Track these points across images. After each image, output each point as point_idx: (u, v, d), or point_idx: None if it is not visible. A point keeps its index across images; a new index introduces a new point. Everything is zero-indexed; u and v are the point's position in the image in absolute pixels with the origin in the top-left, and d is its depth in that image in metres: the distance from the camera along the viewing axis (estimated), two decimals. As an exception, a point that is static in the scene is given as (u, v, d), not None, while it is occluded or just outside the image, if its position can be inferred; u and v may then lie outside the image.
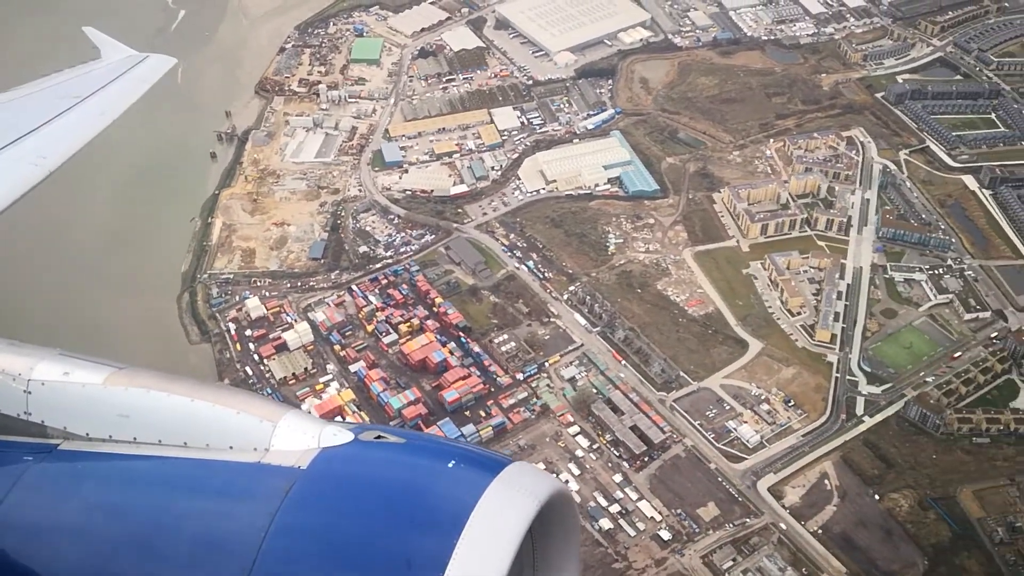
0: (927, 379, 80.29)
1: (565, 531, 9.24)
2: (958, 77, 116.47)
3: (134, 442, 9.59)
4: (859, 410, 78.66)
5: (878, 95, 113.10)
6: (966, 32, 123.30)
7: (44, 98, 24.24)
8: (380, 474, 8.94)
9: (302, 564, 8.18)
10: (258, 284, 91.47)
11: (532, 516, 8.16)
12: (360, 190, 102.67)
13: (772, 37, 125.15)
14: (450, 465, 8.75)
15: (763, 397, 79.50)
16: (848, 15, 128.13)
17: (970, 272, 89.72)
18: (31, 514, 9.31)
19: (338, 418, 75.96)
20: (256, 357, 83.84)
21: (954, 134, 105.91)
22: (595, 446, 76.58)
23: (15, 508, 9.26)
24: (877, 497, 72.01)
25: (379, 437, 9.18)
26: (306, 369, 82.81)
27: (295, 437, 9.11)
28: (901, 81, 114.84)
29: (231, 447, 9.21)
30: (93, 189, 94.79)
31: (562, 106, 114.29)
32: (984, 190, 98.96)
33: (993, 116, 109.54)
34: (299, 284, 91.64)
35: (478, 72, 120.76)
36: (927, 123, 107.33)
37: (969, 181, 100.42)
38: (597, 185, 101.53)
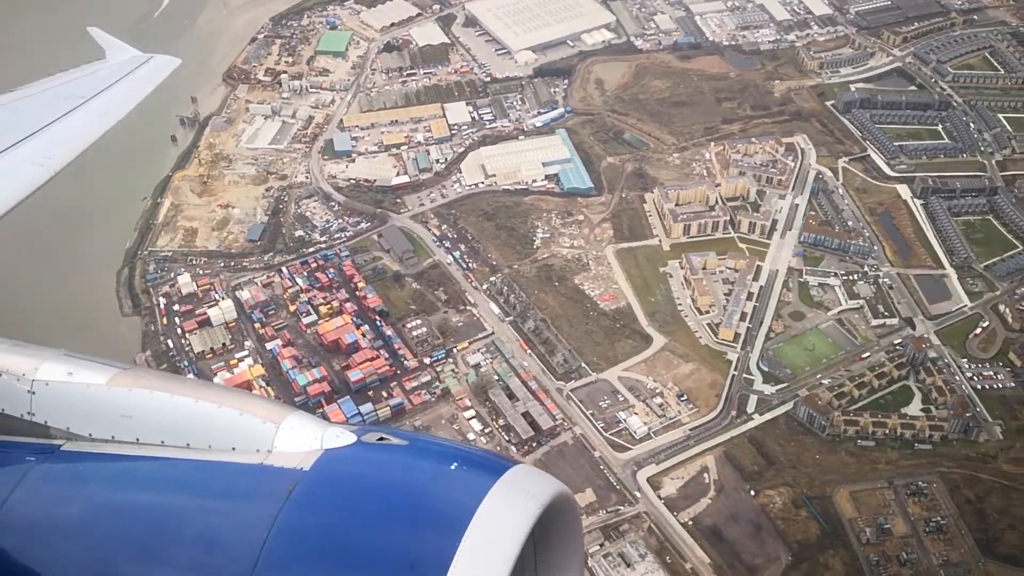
0: (823, 381, 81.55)
1: (567, 534, 9.25)
2: (912, 88, 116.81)
3: (137, 443, 9.59)
4: (750, 408, 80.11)
5: (828, 103, 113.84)
6: (928, 43, 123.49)
7: (49, 98, 24.19)
8: (383, 476, 8.97)
9: (304, 565, 8.20)
10: (194, 262, 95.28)
11: (534, 519, 8.16)
12: (307, 177, 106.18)
13: (733, 43, 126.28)
14: (452, 467, 8.78)
15: (658, 391, 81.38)
16: (812, 23, 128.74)
17: (886, 279, 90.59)
18: (34, 515, 9.29)
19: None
20: (179, 331, 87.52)
21: (896, 144, 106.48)
22: (487, 430, 79.10)
23: (18, 508, 9.24)
24: (753, 493, 73.57)
25: (382, 439, 9.21)
26: (224, 345, 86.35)
27: (298, 438, 9.14)
28: (853, 90, 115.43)
29: (234, 448, 9.21)
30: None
31: (515, 103, 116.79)
32: (916, 200, 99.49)
33: (940, 128, 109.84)
34: (232, 264, 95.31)
35: (440, 68, 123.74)
36: (871, 132, 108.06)
37: (903, 190, 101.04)
38: (535, 181, 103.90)
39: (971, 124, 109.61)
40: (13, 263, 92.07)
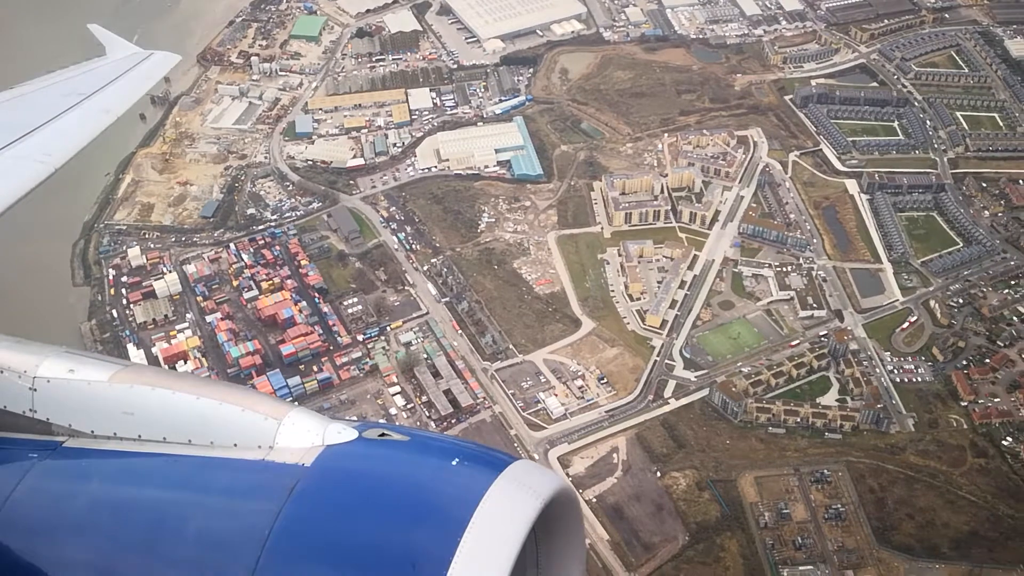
0: (743, 369, 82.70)
1: (568, 529, 9.28)
2: (873, 84, 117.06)
3: (139, 440, 9.61)
4: (668, 393, 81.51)
5: (787, 98, 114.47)
6: (895, 41, 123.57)
7: (49, 95, 24.07)
8: (384, 472, 8.99)
9: (307, 561, 8.20)
10: (146, 236, 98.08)
11: (536, 514, 8.20)
12: (266, 157, 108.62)
13: (701, 36, 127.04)
14: (454, 463, 8.80)
15: (580, 373, 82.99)
16: (781, 18, 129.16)
17: (820, 272, 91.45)
18: (36, 511, 9.30)
19: (181, 361, 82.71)
20: (125, 302, 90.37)
21: (850, 139, 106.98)
22: (409, 405, 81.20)
23: (20, 505, 9.24)
24: (659, 474, 75.07)
25: (383, 435, 9.25)
26: (166, 316, 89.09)
27: (299, 435, 9.15)
28: (813, 85, 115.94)
29: (236, 444, 9.25)
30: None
31: (478, 91, 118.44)
32: (863, 195, 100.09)
33: (896, 124, 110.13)
34: (184, 239, 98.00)
35: (408, 54, 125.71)
36: (825, 127, 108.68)
37: (851, 185, 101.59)
38: (486, 166, 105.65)
39: (928, 121, 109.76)
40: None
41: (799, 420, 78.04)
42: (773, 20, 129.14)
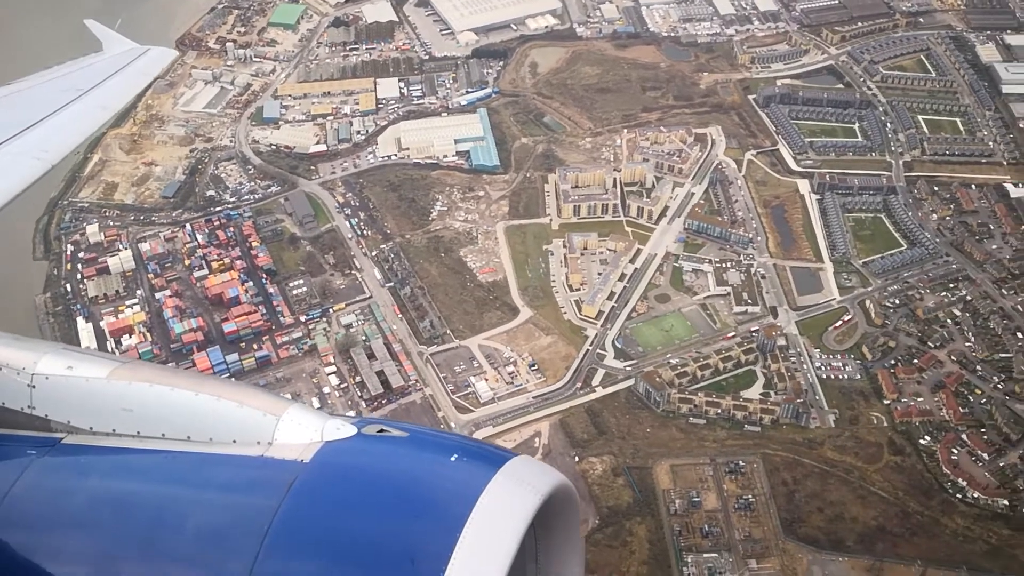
0: (671, 361, 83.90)
1: (567, 524, 9.28)
2: (839, 86, 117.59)
3: (137, 436, 9.62)
4: (595, 381, 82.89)
5: (751, 97, 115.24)
6: (866, 43, 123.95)
7: (46, 91, 24.23)
8: (383, 468, 8.99)
9: (305, 557, 8.18)
10: (107, 214, 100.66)
11: (535, 510, 8.22)
12: (232, 141, 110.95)
13: (673, 34, 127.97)
14: (452, 459, 8.80)
15: (512, 360, 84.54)
16: (755, 18, 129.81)
17: (760, 269, 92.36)
18: (35, 508, 9.27)
19: (126, 335, 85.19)
20: (79, 276, 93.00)
21: (807, 140, 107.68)
22: (343, 385, 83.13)
23: (19, 502, 9.23)
24: (577, 459, 76.52)
25: (382, 431, 9.25)
26: (117, 291, 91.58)
27: (298, 431, 9.17)
28: (779, 85, 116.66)
29: (234, 441, 9.26)
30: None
31: (446, 82, 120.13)
32: (813, 195, 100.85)
33: (856, 126, 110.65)
34: (143, 218, 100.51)
35: (383, 44, 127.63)
36: (784, 127, 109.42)
37: (803, 185, 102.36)
38: (445, 156, 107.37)
39: (888, 124, 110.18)
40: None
41: (720, 411, 79.17)
42: (746, 20, 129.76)
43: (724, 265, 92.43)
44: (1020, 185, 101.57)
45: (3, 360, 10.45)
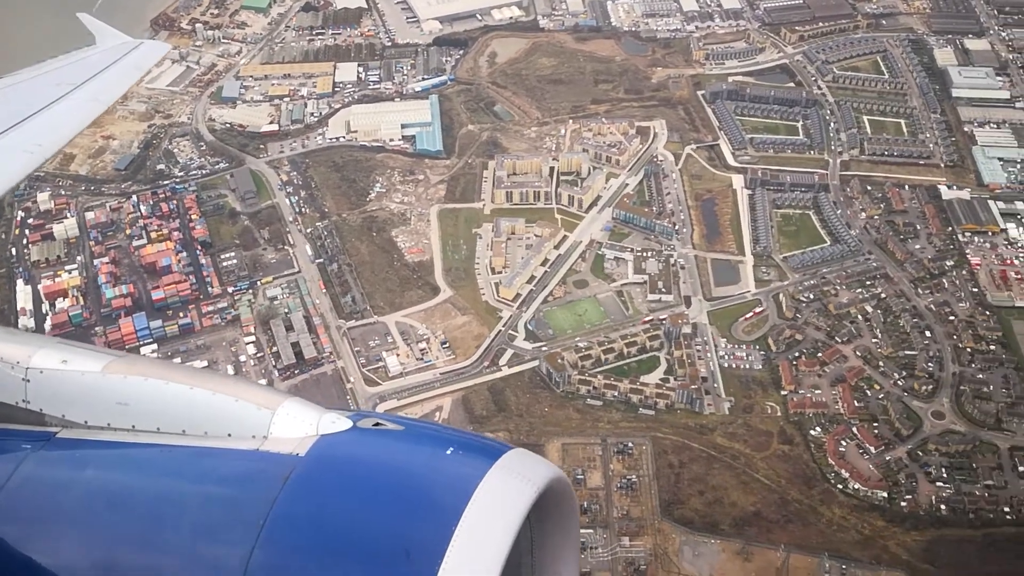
0: (579, 344, 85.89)
1: (563, 517, 9.32)
2: (790, 84, 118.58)
3: (132, 430, 9.63)
4: (503, 361, 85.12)
5: (700, 93, 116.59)
6: (824, 43, 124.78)
7: (39, 85, 24.11)
8: (378, 461, 9.01)
9: (301, 551, 8.21)
10: (60, 184, 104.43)
11: (530, 503, 8.27)
12: (189, 118, 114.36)
13: (634, 29, 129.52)
14: (448, 452, 8.85)
15: (425, 337, 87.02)
16: (716, 16, 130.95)
17: (681, 260, 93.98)
18: (30, 502, 9.27)
19: (60, 298, 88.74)
20: (25, 242, 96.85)
21: (749, 136, 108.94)
22: (259, 355, 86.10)
23: (14, 496, 9.22)
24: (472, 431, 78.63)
25: (377, 424, 9.27)
26: (59, 257, 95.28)
27: (293, 424, 9.18)
28: (731, 81, 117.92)
29: (230, 434, 9.29)
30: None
31: (404, 68, 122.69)
32: (745, 190, 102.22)
33: (799, 124, 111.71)
34: (93, 188, 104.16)
35: (348, 30, 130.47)
36: (727, 123, 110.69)
37: (737, 180, 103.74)
38: (391, 140, 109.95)
39: (832, 123, 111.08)
40: None
41: (617, 394, 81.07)
42: (708, 17, 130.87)
43: (644, 254, 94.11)
44: (954, 187, 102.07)
45: None
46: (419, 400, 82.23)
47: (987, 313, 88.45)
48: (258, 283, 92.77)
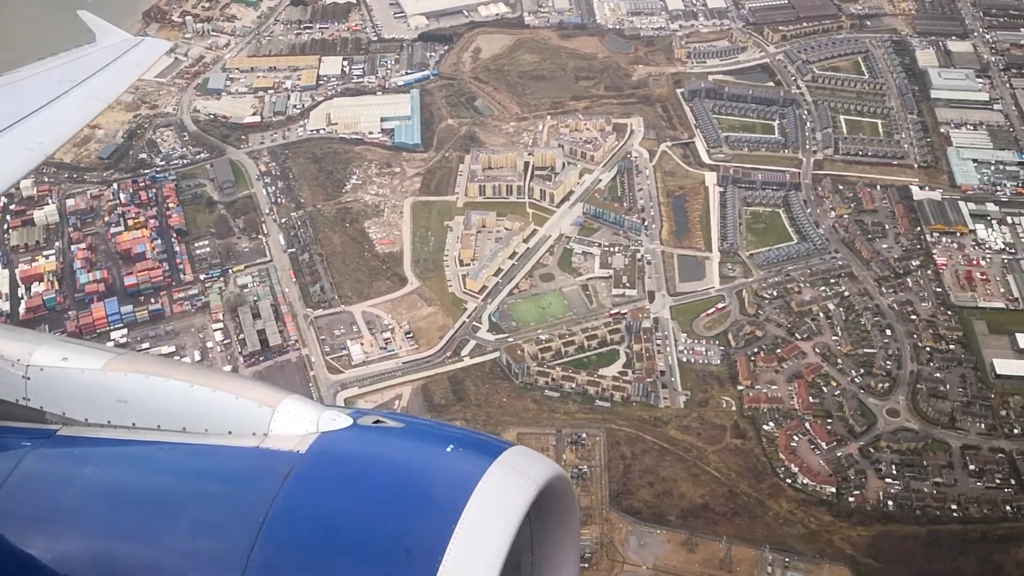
0: (541, 336, 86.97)
1: (563, 515, 9.33)
2: (770, 83, 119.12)
3: (133, 427, 9.65)
4: (465, 351, 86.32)
5: (679, 91, 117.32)
6: (806, 43, 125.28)
7: (40, 82, 24.13)
8: (378, 459, 9.01)
9: (301, 549, 8.21)
10: (43, 171, 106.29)
11: (530, 500, 8.27)
12: (174, 109, 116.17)
13: (619, 27, 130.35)
14: (448, 449, 8.85)
15: (390, 327, 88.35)
16: (701, 14, 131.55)
17: (648, 255, 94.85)
18: (30, 500, 9.29)
19: (36, 283, 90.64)
20: (5, 227, 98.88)
21: (724, 134, 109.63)
22: (226, 341, 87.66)
23: (14, 494, 9.23)
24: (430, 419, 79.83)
25: (378, 422, 9.28)
26: (37, 242, 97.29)
27: (294, 422, 9.19)
28: (711, 80, 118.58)
29: (230, 432, 9.30)
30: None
31: (388, 63, 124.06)
32: (717, 187, 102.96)
33: (776, 123, 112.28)
34: (76, 176, 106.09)
35: (336, 24, 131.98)
36: (704, 120, 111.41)
37: (710, 177, 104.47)
38: (371, 132, 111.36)
39: (809, 123, 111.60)
40: None
41: (574, 386, 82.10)
42: (692, 16, 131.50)
43: (611, 249, 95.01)
44: (926, 188, 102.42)
45: None
46: (380, 388, 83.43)
47: (949, 313, 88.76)
48: (230, 271, 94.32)
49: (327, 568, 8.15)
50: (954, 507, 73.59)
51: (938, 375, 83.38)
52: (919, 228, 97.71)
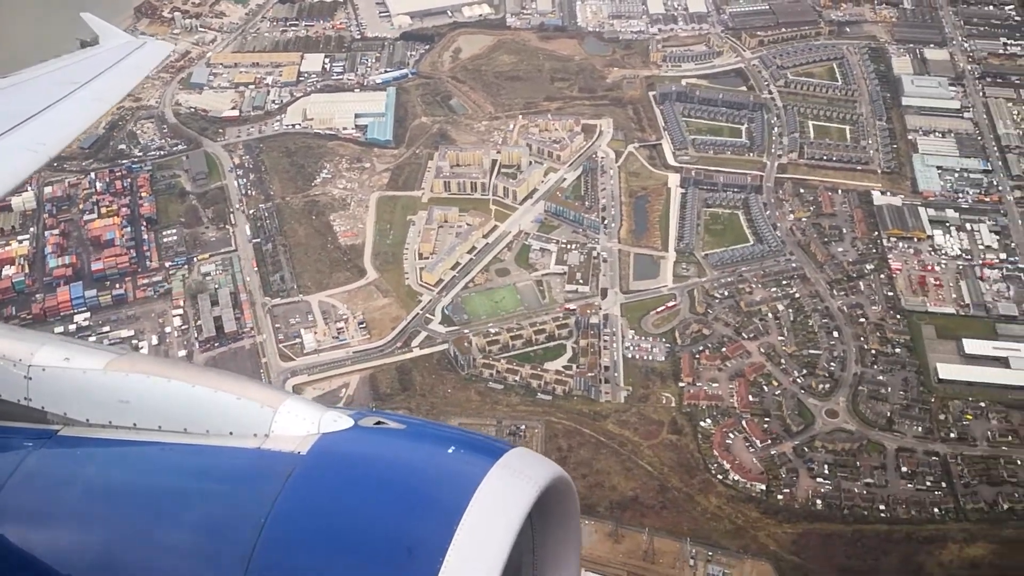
0: (491, 329, 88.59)
1: (565, 517, 9.31)
2: (743, 88, 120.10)
3: (134, 428, 9.64)
4: (415, 342, 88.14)
5: (651, 94, 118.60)
6: (783, 49, 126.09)
7: (43, 84, 24.18)
8: (380, 460, 9.01)
9: (302, 550, 8.19)
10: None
11: (532, 502, 8.30)
12: (157, 102, 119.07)
13: (599, 29, 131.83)
14: (450, 451, 8.87)
15: (344, 316, 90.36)
16: (682, 19, 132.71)
17: (604, 253, 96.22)
18: (32, 500, 9.27)
19: (7, 266, 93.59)
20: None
21: (691, 137, 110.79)
22: (184, 327, 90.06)
23: (15, 494, 9.22)
24: (373, 407, 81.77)
25: (379, 423, 9.28)
26: (13, 227, 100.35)
27: (295, 423, 9.18)
28: (684, 83, 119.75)
29: (231, 433, 9.29)
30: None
31: (368, 61, 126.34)
32: (679, 188, 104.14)
33: (744, 127, 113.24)
34: (55, 164, 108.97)
35: (321, 22, 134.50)
36: (672, 123, 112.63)
37: (673, 179, 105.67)
38: (345, 128, 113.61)
39: (776, 127, 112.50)
40: None
41: (518, 379, 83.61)
42: (672, 20, 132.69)
43: (568, 246, 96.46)
44: (887, 193, 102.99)
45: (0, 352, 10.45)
46: (328, 376, 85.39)
47: (898, 317, 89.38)
48: (195, 259, 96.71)
49: (329, 569, 8.17)
50: (882, 507, 74.26)
51: (881, 378, 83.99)
52: (877, 233, 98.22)
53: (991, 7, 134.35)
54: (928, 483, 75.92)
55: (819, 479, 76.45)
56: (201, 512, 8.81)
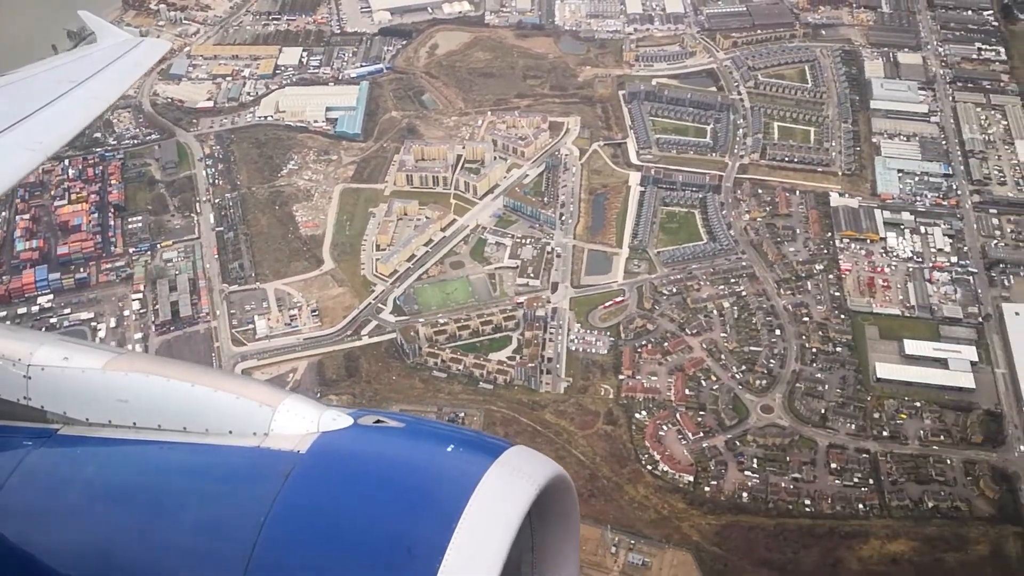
0: (440, 320, 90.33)
1: (564, 515, 9.35)
2: (712, 88, 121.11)
3: (134, 427, 9.68)
4: (365, 331, 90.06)
5: (621, 93, 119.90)
6: (756, 50, 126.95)
7: (41, 82, 24.13)
8: (379, 458, 9.04)
9: (302, 548, 8.21)
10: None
11: (531, 500, 8.29)
12: (135, 92, 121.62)
13: (576, 28, 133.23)
14: (449, 449, 8.89)
15: (298, 304, 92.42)
16: (658, 19, 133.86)
17: (559, 248, 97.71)
18: (31, 499, 9.29)
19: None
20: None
21: (656, 136, 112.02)
22: (142, 311, 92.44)
23: (15, 493, 9.23)
24: (319, 396, 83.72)
25: (378, 422, 9.32)
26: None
27: (294, 422, 9.23)
28: (653, 83, 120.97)
29: (230, 432, 9.33)
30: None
31: (345, 55, 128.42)
32: (639, 186, 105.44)
33: (709, 127, 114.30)
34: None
35: (303, 16, 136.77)
36: (638, 122, 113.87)
37: (634, 177, 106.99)
38: (316, 121, 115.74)
39: (741, 128, 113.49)
40: None
41: (461, 368, 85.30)
42: (648, 20, 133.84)
43: (523, 241, 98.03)
44: (845, 195, 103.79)
45: None
46: (277, 362, 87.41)
47: (842, 317, 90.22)
48: (158, 246, 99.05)
49: (328, 568, 8.19)
50: (807, 502, 75.37)
51: (819, 376, 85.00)
52: (830, 234, 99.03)
53: (969, 12, 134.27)
54: (856, 479, 76.90)
55: (747, 472, 77.65)
56: (201, 511, 8.87)
